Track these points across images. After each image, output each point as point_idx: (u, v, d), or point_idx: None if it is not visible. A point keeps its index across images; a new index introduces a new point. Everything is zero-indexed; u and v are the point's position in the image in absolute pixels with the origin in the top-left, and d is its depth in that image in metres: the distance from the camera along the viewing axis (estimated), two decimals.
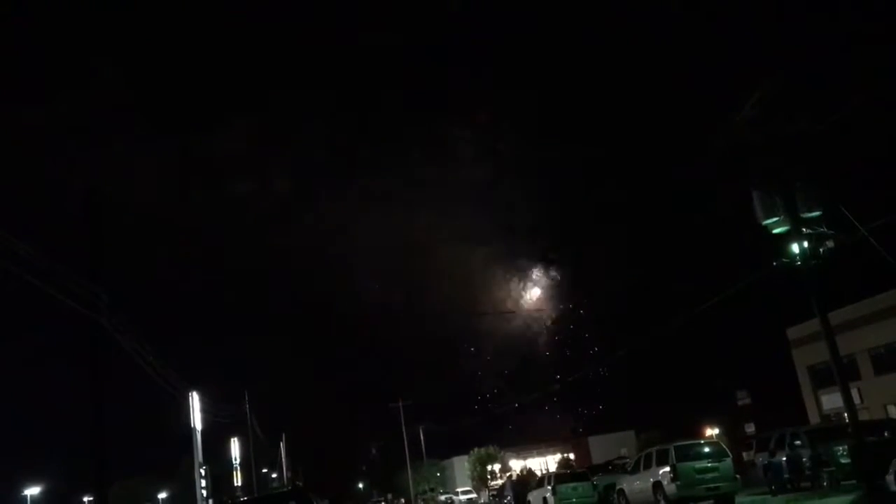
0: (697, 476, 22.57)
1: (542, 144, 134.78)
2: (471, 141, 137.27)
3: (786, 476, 24.30)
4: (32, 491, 73.97)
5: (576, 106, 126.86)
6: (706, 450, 23.89)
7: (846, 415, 21.71)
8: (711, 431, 65.07)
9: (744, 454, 40.12)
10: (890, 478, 18.72)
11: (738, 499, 23.54)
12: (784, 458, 24.38)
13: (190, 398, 44.09)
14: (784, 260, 21.08)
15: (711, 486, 22.62)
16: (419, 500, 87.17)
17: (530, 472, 55.01)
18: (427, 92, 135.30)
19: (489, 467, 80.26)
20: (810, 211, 20.93)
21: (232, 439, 64.23)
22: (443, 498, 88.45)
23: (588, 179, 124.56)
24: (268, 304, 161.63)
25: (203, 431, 46.27)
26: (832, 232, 20.81)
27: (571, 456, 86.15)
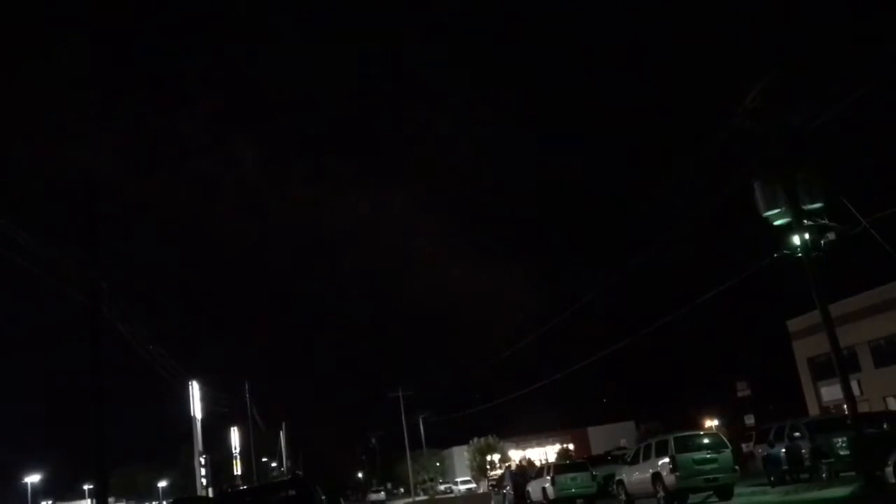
0: (696, 467, 22.57)
1: (529, 131, 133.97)
2: (449, 123, 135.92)
3: (785, 467, 24.31)
4: (33, 479, 74.28)
5: (573, 96, 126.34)
6: (705, 441, 23.88)
7: (846, 407, 21.71)
8: (711, 423, 65.22)
9: (743, 445, 40.14)
10: (889, 470, 18.73)
11: (736, 490, 23.56)
12: (783, 450, 24.39)
13: (190, 387, 44.19)
14: (785, 252, 21.04)
15: (710, 477, 22.62)
16: (419, 490, 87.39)
17: (530, 463, 55.07)
18: (404, 74, 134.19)
19: (489, 457, 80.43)
20: (812, 202, 20.86)
21: (232, 428, 64.42)
22: (442, 488, 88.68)
23: (587, 169, 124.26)
24: (265, 293, 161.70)
25: (203, 420, 46.43)
26: (833, 224, 20.76)
27: (571, 446, 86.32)
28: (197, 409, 44.97)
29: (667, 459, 22.88)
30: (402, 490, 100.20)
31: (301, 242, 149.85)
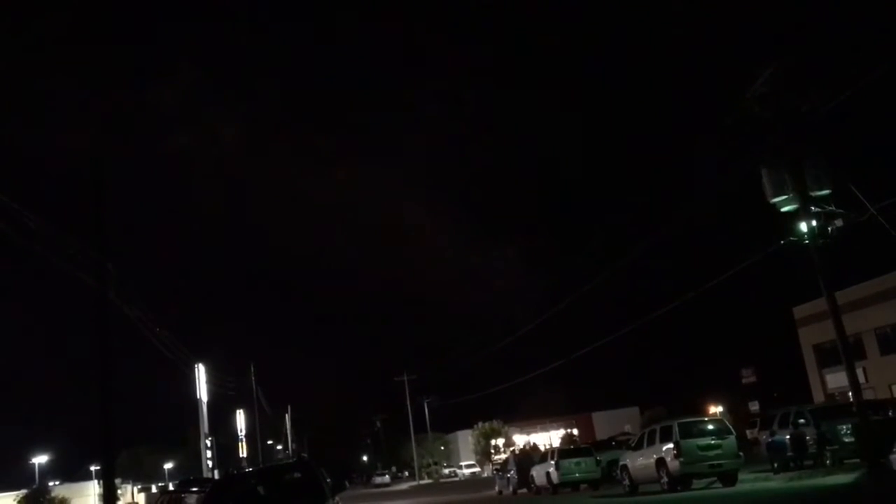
0: (700, 453, 22.60)
1: (529, 110, 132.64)
2: (435, 99, 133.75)
3: (789, 454, 24.33)
4: (40, 459, 74.84)
5: (573, 76, 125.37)
6: (710, 427, 23.92)
7: (851, 394, 21.71)
8: (715, 409, 65.29)
9: (748, 432, 40.22)
10: (893, 457, 18.76)
11: (740, 476, 23.58)
12: (788, 437, 24.41)
13: (196, 370, 44.41)
14: (792, 238, 20.99)
15: (714, 463, 22.66)
16: (423, 474, 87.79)
17: (534, 447, 55.31)
18: (389, 47, 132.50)
19: (493, 442, 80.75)
20: (820, 189, 20.80)
21: (238, 411, 64.77)
22: (446, 471, 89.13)
23: (592, 150, 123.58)
24: (269, 276, 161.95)
25: (209, 403, 46.69)
26: (841, 211, 20.70)
27: (575, 431, 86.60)
28: (203, 391, 45.22)
29: (671, 445, 22.91)
30: (406, 474, 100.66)
31: (302, 226, 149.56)
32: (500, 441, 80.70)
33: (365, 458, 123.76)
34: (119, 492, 63.71)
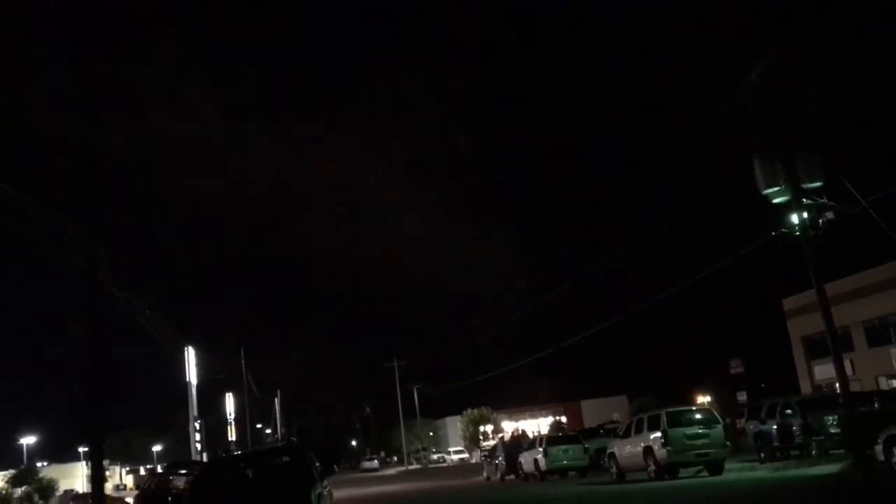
0: (688, 442, 22.75)
1: (520, 101, 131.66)
2: (421, 83, 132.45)
3: (775, 444, 24.51)
4: (29, 440, 74.81)
5: (569, 67, 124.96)
6: (697, 416, 24.08)
7: (838, 385, 21.86)
8: (703, 398, 65.56)
9: (735, 421, 40.41)
10: (878, 448, 18.90)
11: (727, 465, 23.76)
12: (774, 427, 24.58)
13: (186, 353, 44.35)
14: (783, 230, 21.06)
15: (701, 451, 22.81)
16: (412, 459, 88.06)
17: (522, 434, 55.52)
18: (375, 30, 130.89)
19: (482, 428, 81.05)
20: (812, 181, 20.85)
21: (227, 394, 64.72)
22: (435, 457, 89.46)
23: (578, 143, 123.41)
24: (261, 260, 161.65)
25: (198, 386, 46.65)
26: (832, 203, 20.76)
27: (564, 419, 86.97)
28: (192, 374, 45.18)
29: (658, 434, 23.05)
30: (395, 459, 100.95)
31: (292, 210, 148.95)
32: (489, 427, 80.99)
33: (354, 443, 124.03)
34: (107, 473, 63.75)
